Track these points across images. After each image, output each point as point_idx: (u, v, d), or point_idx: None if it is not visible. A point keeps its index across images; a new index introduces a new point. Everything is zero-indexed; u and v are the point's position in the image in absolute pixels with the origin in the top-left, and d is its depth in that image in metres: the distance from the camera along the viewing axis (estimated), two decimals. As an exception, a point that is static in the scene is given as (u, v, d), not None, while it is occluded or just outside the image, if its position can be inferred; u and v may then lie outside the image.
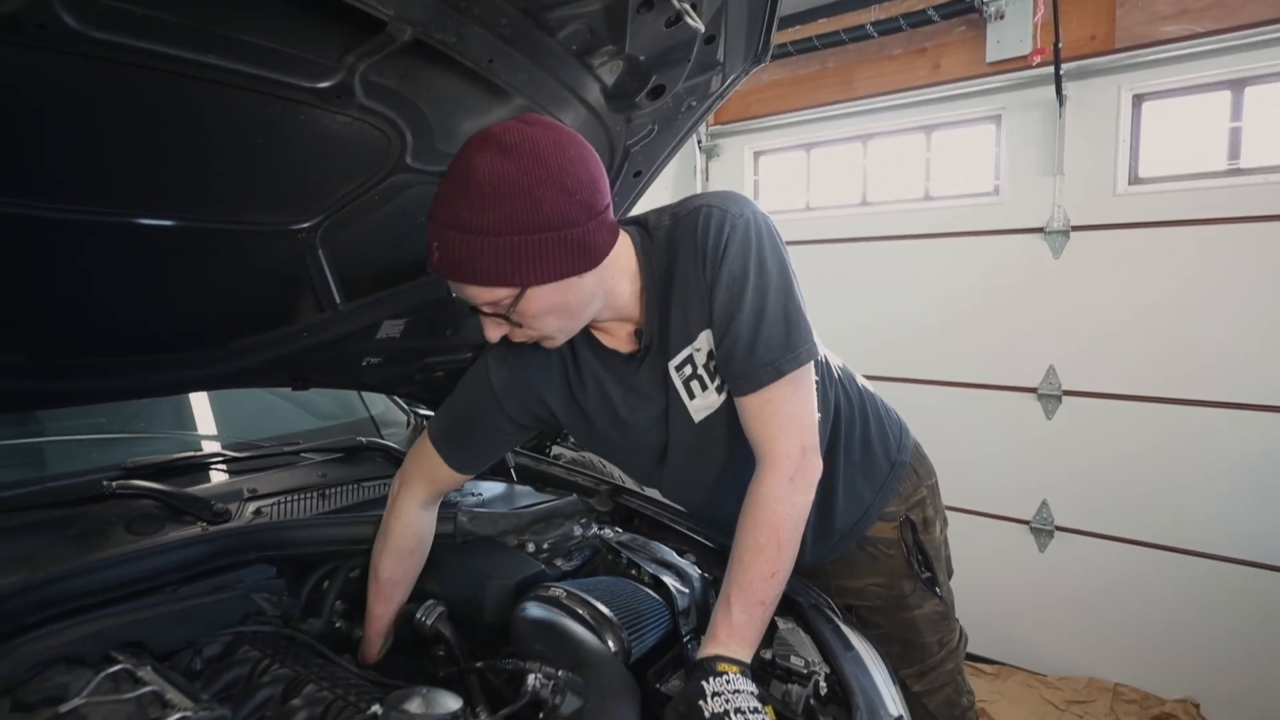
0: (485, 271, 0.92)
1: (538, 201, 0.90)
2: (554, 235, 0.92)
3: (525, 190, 0.89)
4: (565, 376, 1.19)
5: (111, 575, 1.13)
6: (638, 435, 1.19)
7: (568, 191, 0.91)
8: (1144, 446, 2.71)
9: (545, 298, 0.97)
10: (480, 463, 1.29)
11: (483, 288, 0.95)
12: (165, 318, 1.14)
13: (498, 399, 1.21)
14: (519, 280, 0.93)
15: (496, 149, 0.90)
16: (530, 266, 0.92)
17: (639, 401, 1.16)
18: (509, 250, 0.90)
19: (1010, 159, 2.94)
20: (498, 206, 0.89)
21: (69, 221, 0.92)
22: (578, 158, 0.93)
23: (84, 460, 1.54)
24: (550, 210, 0.90)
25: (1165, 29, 2.58)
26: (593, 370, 1.17)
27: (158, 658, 1.08)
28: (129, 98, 0.84)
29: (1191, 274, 2.59)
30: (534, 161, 0.89)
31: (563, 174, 0.91)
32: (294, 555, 1.36)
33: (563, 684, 0.93)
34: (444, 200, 0.92)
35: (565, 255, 0.94)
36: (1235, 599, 2.59)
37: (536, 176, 0.89)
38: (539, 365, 1.19)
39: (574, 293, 0.99)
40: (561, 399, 1.21)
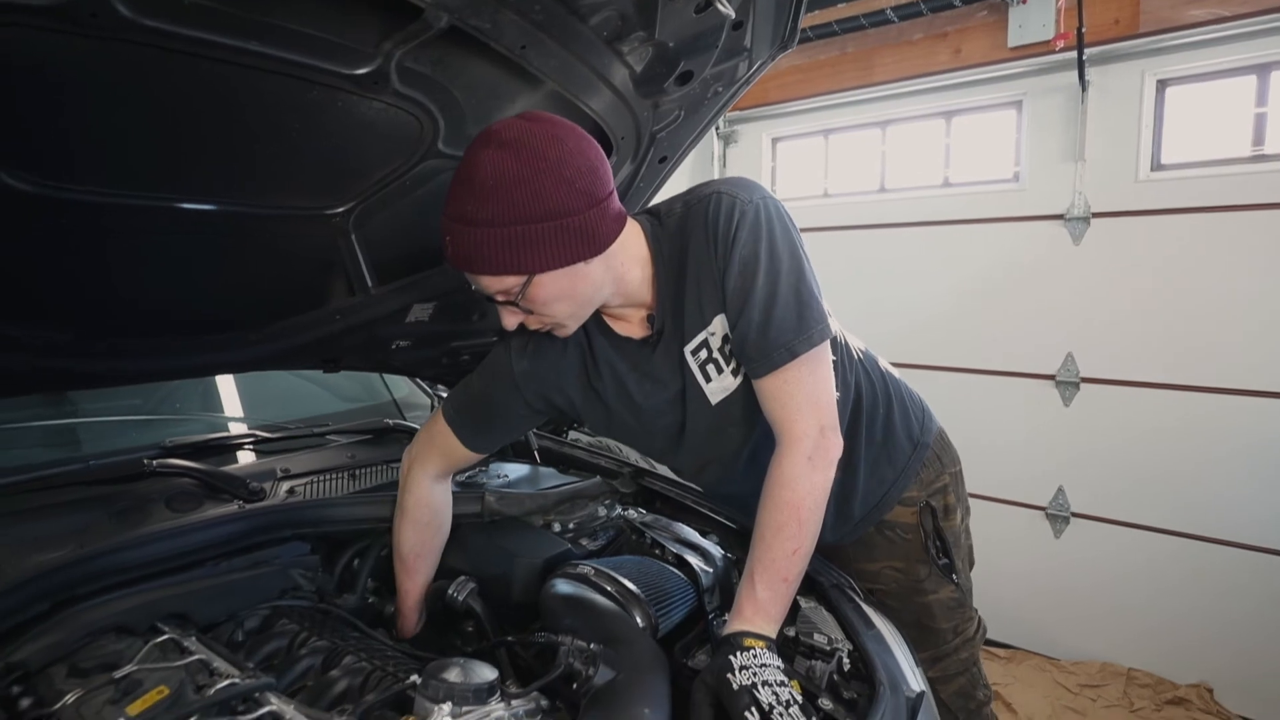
0: (493, 261, 0.96)
1: (538, 192, 0.93)
2: (556, 224, 0.95)
3: (525, 182, 0.93)
4: (583, 365, 1.22)
5: (156, 550, 1.17)
6: (653, 419, 1.21)
7: (567, 181, 0.95)
8: (1161, 434, 2.71)
9: (553, 284, 1.00)
10: (493, 443, 1.33)
11: (492, 277, 0.99)
12: (205, 300, 1.17)
13: (517, 385, 1.24)
14: (525, 268, 0.97)
15: (496, 145, 0.94)
16: (535, 254, 0.96)
17: (653, 387, 1.18)
18: (513, 240, 0.95)
19: (1031, 145, 2.92)
20: (500, 199, 0.93)
21: (116, 205, 0.95)
22: (576, 149, 0.97)
23: (118, 440, 1.59)
24: (551, 199, 0.94)
25: (1191, 13, 2.55)
26: (608, 358, 1.19)
27: (200, 629, 1.13)
28: (174, 85, 0.86)
29: (1213, 261, 2.58)
30: (532, 155, 0.93)
31: (561, 165, 0.94)
32: (327, 533, 1.39)
33: (595, 656, 0.96)
34: (452, 197, 0.97)
35: (568, 242, 0.97)
36: (1250, 585, 2.59)
37: (535, 168, 0.93)
38: (557, 354, 1.22)
39: (582, 279, 1.02)
40: (579, 387, 1.23)
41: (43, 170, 0.85)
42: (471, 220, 0.94)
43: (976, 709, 1.40)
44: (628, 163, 1.41)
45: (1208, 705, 2.61)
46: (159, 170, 0.95)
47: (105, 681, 0.90)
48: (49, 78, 0.78)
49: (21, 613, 1.01)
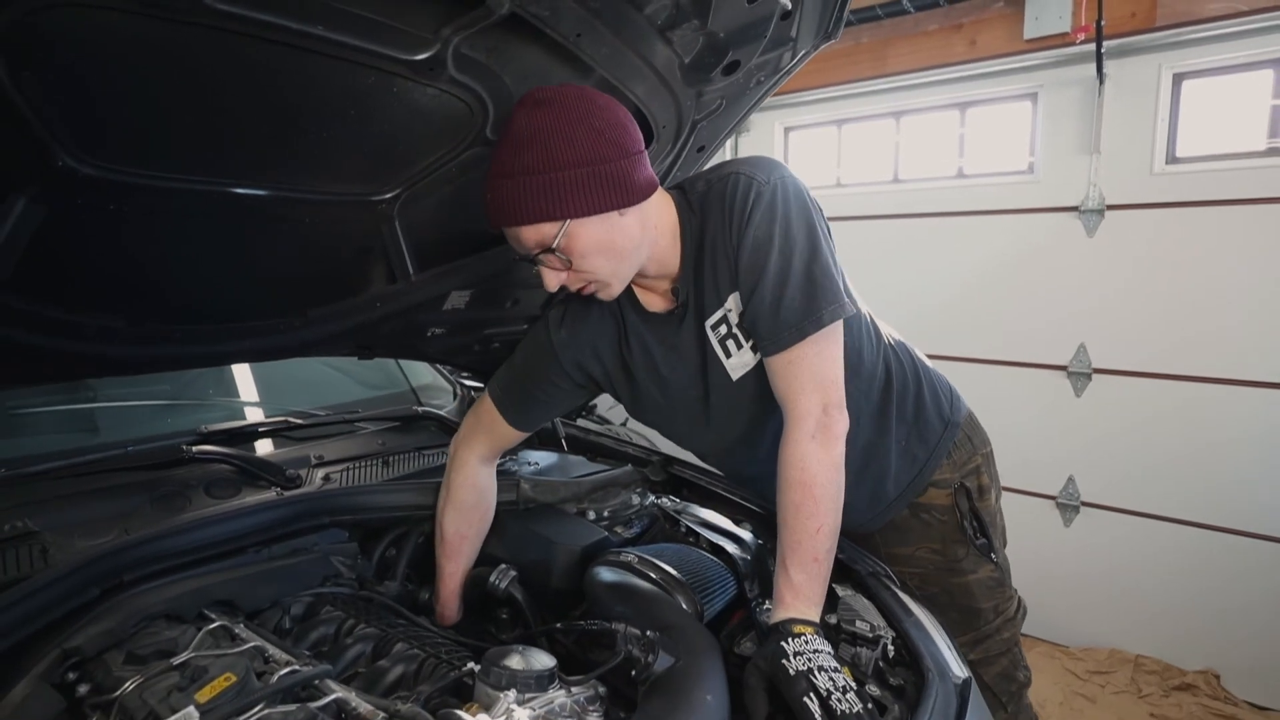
0: (528, 209, 1.00)
1: (570, 140, 0.98)
2: (589, 170, 0.99)
3: (557, 131, 0.98)
4: (616, 336, 1.25)
5: (201, 536, 1.17)
6: (678, 393, 1.24)
7: (597, 130, 0.99)
8: (1171, 424, 2.74)
9: (589, 234, 1.03)
10: (536, 419, 1.36)
11: (529, 227, 1.02)
12: (251, 285, 1.17)
13: (556, 355, 1.28)
14: (560, 213, 1.00)
15: (530, 104, 1.00)
16: (569, 199, 0.99)
17: (678, 360, 1.21)
18: (547, 186, 0.98)
19: (1046, 137, 2.93)
20: (533, 148, 0.98)
21: (174, 190, 0.94)
22: (605, 105, 1.02)
23: (142, 427, 1.58)
24: (583, 147, 0.99)
25: (1208, 7, 2.55)
26: (638, 331, 1.23)
27: (246, 616, 1.13)
28: (239, 69, 0.85)
29: (1226, 254, 2.60)
30: (563, 108, 0.99)
31: (590, 116, 1.00)
32: (364, 520, 1.40)
33: (653, 643, 0.97)
34: (494, 159, 1.03)
35: (600, 188, 1.00)
36: (1257, 573, 2.63)
37: (567, 119, 0.98)
38: (595, 323, 1.26)
39: (619, 233, 1.05)
40: (613, 357, 1.27)
41: (107, 154, 0.84)
42: (509, 173, 0.99)
43: (1018, 691, 1.41)
44: (668, 150, 1.41)
45: (1215, 691, 2.66)
46: (218, 155, 0.94)
47: (165, 668, 0.91)
48: (117, 61, 0.78)
49: (73, 599, 1.01)
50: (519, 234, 1.04)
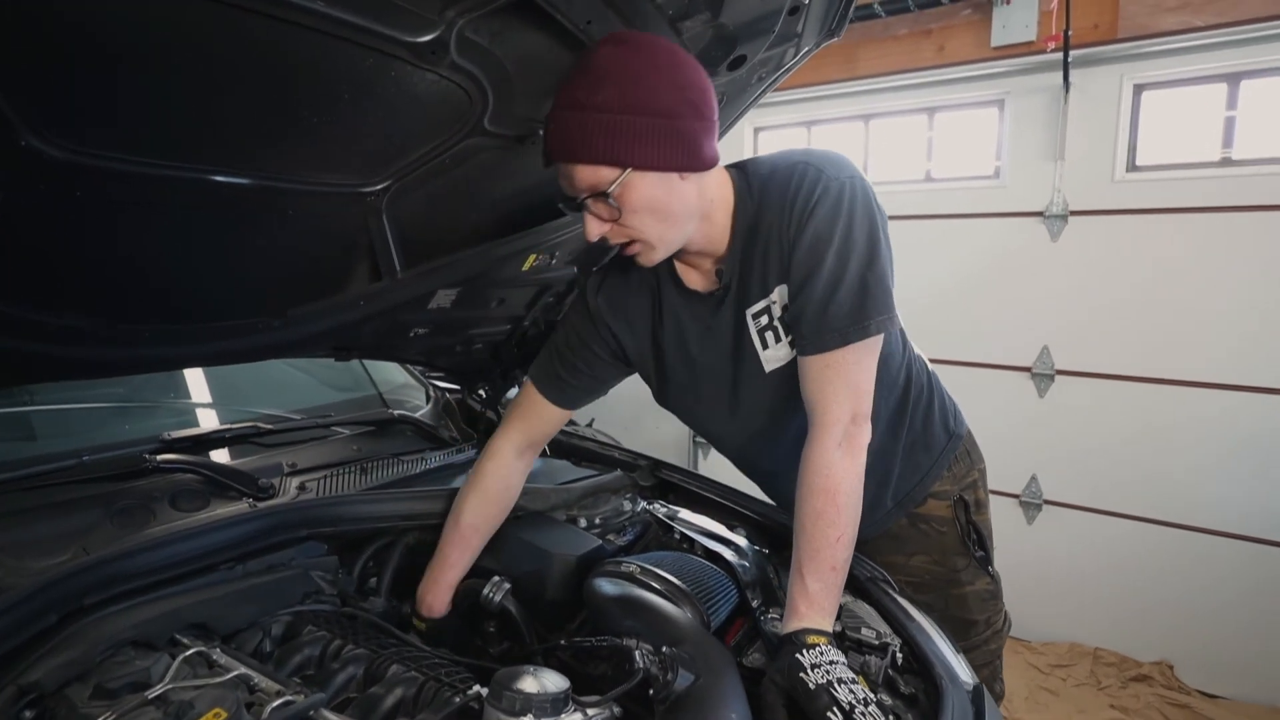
0: (593, 147, 0.95)
1: (651, 88, 0.94)
2: (662, 122, 0.95)
3: (639, 75, 0.93)
4: (651, 309, 1.22)
5: (168, 553, 1.08)
6: (706, 376, 1.21)
7: (679, 87, 0.95)
8: (1131, 424, 2.83)
9: (647, 189, 0.99)
10: (577, 396, 1.31)
11: (588, 166, 0.97)
12: (230, 283, 1.08)
13: (594, 321, 1.26)
14: (623, 159, 0.96)
15: (617, 41, 0.95)
16: (635, 147, 0.95)
17: (712, 342, 1.18)
18: (617, 127, 0.94)
19: (1012, 143, 2.99)
20: (611, 86, 0.93)
21: (147, 176, 0.85)
22: (693, 65, 0.98)
23: (94, 433, 1.46)
24: (661, 97, 0.94)
25: (1166, 21, 2.65)
26: (673, 306, 1.20)
27: (222, 639, 1.05)
28: (226, 47, 0.78)
29: (1183, 260, 2.70)
30: (651, 52, 0.95)
31: (674, 70, 0.95)
32: (344, 532, 1.31)
33: (670, 660, 0.93)
34: (566, 87, 0.96)
35: (669, 145, 0.96)
36: (1209, 567, 2.75)
37: (651, 65, 0.94)
38: (632, 293, 1.24)
39: (675, 196, 1.01)
40: (644, 332, 1.24)
41: (76, 135, 0.75)
42: (579, 105, 0.94)
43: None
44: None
45: (1169, 681, 2.76)
46: (198, 139, 0.86)
47: (140, 703, 0.82)
48: (90, 33, 0.69)
49: (28, 627, 0.91)
50: (574, 172, 0.99)
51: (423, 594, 1.26)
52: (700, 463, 4.08)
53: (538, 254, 1.47)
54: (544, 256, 1.48)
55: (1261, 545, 2.65)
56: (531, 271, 1.51)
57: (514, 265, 1.46)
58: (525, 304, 1.63)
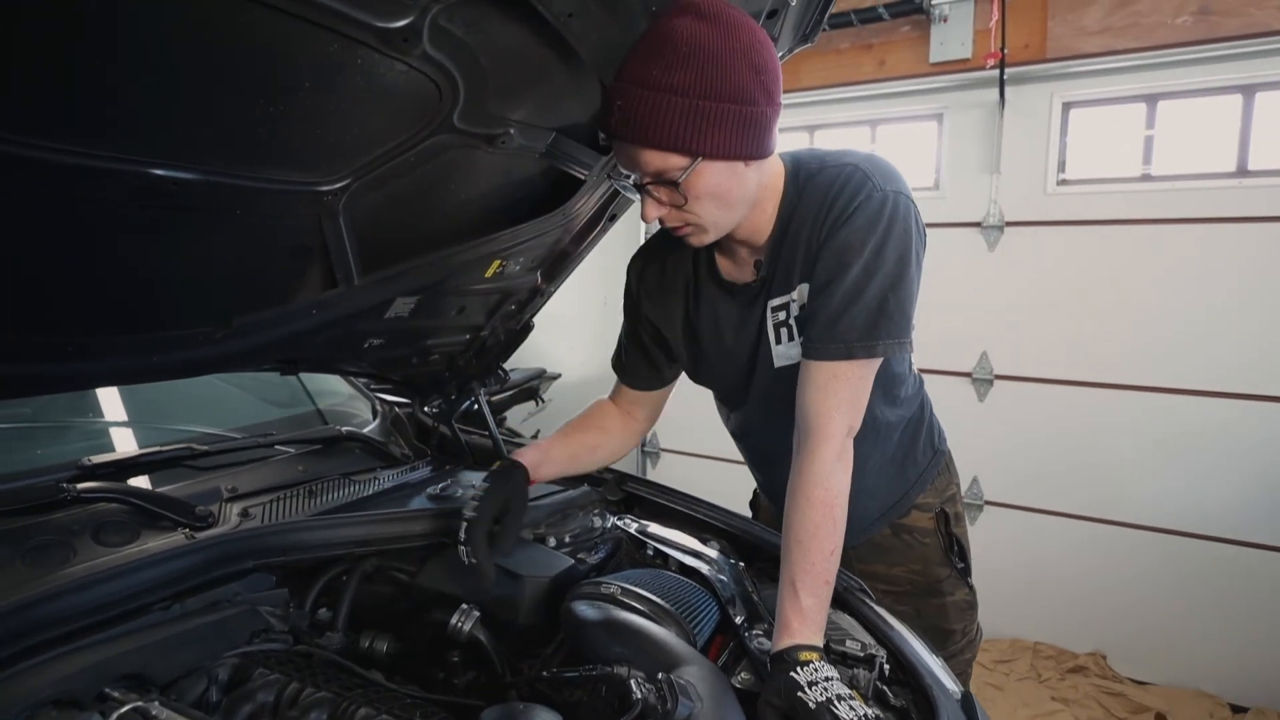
0: (669, 133, 0.90)
1: (729, 71, 0.89)
2: (738, 109, 0.91)
3: (718, 57, 0.88)
4: (685, 295, 1.22)
5: (94, 595, 0.96)
6: (734, 362, 1.21)
7: (755, 69, 0.91)
8: (1063, 426, 2.96)
9: (714, 176, 0.95)
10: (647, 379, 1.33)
11: (658, 152, 0.92)
12: (165, 289, 0.97)
13: (638, 305, 1.27)
14: (696, 147, 0.91)
15: (696, 14, 0.89)
16: (710, 135, 0.91)
17: (744, 333, 1.18)
18: (694, 114, 0.89)
19: (951, 156, 3.10)
20: (690, 68, 0.88)
21: (74, 167, 0.75)
22: (768, 45, 0.94)
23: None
24: (738, 82, 0.90)
25: (1090, 43, 2.80)
26: (709, 296, 1.19)
27: (160, 690, 0.93)
28: (175, 21, 0.69)
29: (1109, 269, 2.84)
30: (730, 31, 0.89)
31: (752, 51, 0.91)
32: (294, 561, 1.20)
33: (668, 688, 0.87)
34: (637, 59, 0.91)
35: (743, 132, 0.93)
36: (1138, 560, 2.89)
37: (730, 46, 0.89)
38: (668, 279, 1.23)
39: (738, 183, 0.98)
40: (679, 319, 1.24)
41: (-7, 117, 0.65)
42: (655, 85, 0.88)
43: None
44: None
45: (1103, 671, 2.89)
46: (137, 126, 0.76)
47: (68, 774, 0.71)
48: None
49: (-73, 689, 0.78)
50: (640, 155, 0.94)
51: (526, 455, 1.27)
52: (649, 472, 4.05)
53: (501, 260, 1.40)
54: (508, 263, 1.41)
55: (1185, 539, 2.81)
56: (494, 278, 1.43)
57: (477, 272, 1.38)
58: (486, 312, 1.55)
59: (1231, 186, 2.66)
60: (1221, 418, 2.71)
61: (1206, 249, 2.69)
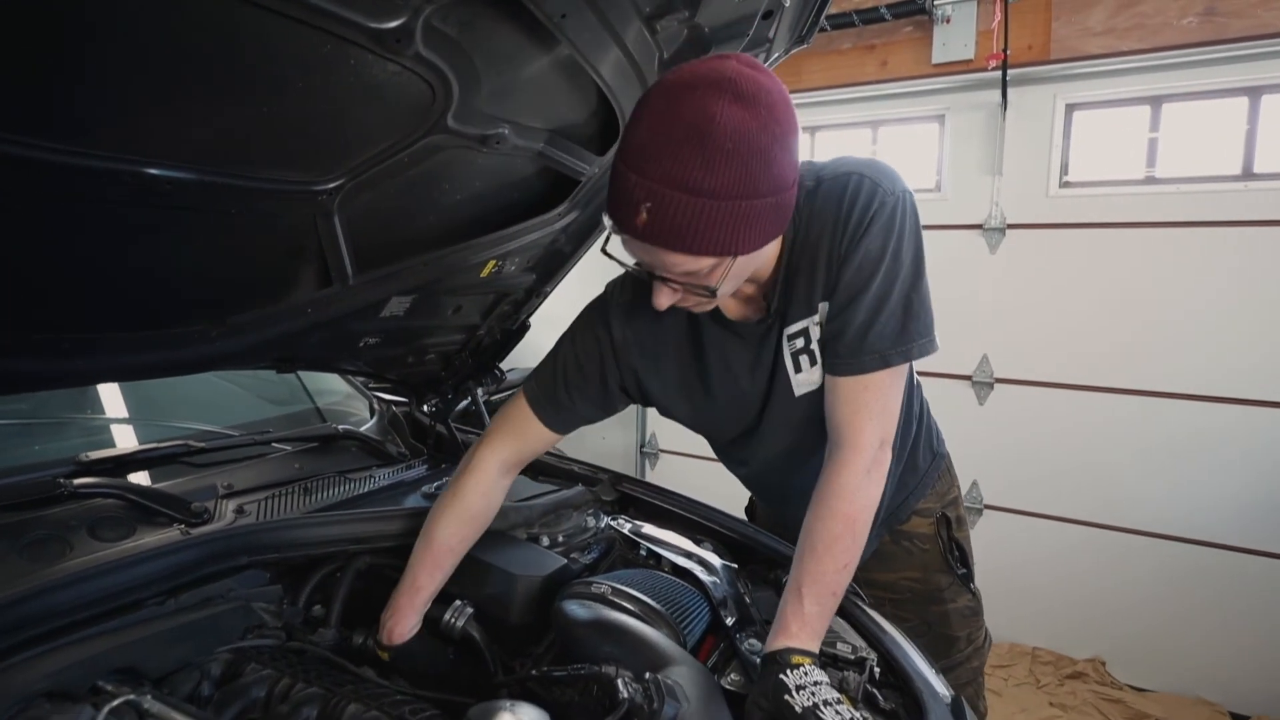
0: (706, 240, 0.82)
1: (770, 162, 0.81)
2: (774, 200, 0.84)
3: (763, 150, 0.80)
4: (682, 342, 1.14)
5: (88, 590, 0.97)
6: (747, 404, 1.15)
7: (790, 151, 0.85)
8: (1066, 430, 2.95)
9: (741, 265, 0.89)
10: (573, 422, 1.21)
11: (691, 257, 0.84)
12: (160, 288, 0.97)
13: (616, 355, 1.16)
14: (734, 249, 0.84)
15: (734, 98, 0.79)
16: (749, 234, 0.84)
17: (760, 370, 1.11)
18: (734, 216, 0.81)
19: (952, 158, 3.09)
20: (735, 167, 0.79)
21: (71, 166, 0.75)
22: (794, 110, 0.86)
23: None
24: (778, 173, 0.83)
25: (1093, 44, 2.78)
26: (718, 343, 1.11)
27: (154, 684, 0.94)
28: (171, 20, 0.70)
29: (1112, 273, 2.83)
30: (770, 116, 0.80)
31: (790, 131, 0.84)
32: (288, 558, 1.21)
33: (655, 688, 0.88)
34: (667, 154, 0.79)
35: (776, 220, 0.87)
36: (1138, 566, 2.88)
37: (773, 134, 0.81)
38: (666, 330, 1.14)
39: (760, 257, 0.93)
40: (675, 364, 1.15)
41: (-15, 116, 0.65)
42: (696, 188, 0.78)
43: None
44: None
45: (1102, 677, 2.87)
46: (133, 126, 0.76)
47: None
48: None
49: (-79, 682, 0.79)
50: (668, 258, 0.85)
51: (387, 620, 1.14)
52: (648, 473, 4.05)
53: (496, 260, 1.41)
54: (504, 263, 1.41)
55: (1185, 544, 2.80)
56: (490, 278, 1.44)
57: (472, 271, 1.39)
58: (481, 312, 1.56)
59: (1237, 190, 2.65)
60: (1223, 423, 2.70)
61: (1210, 253, 2.67)
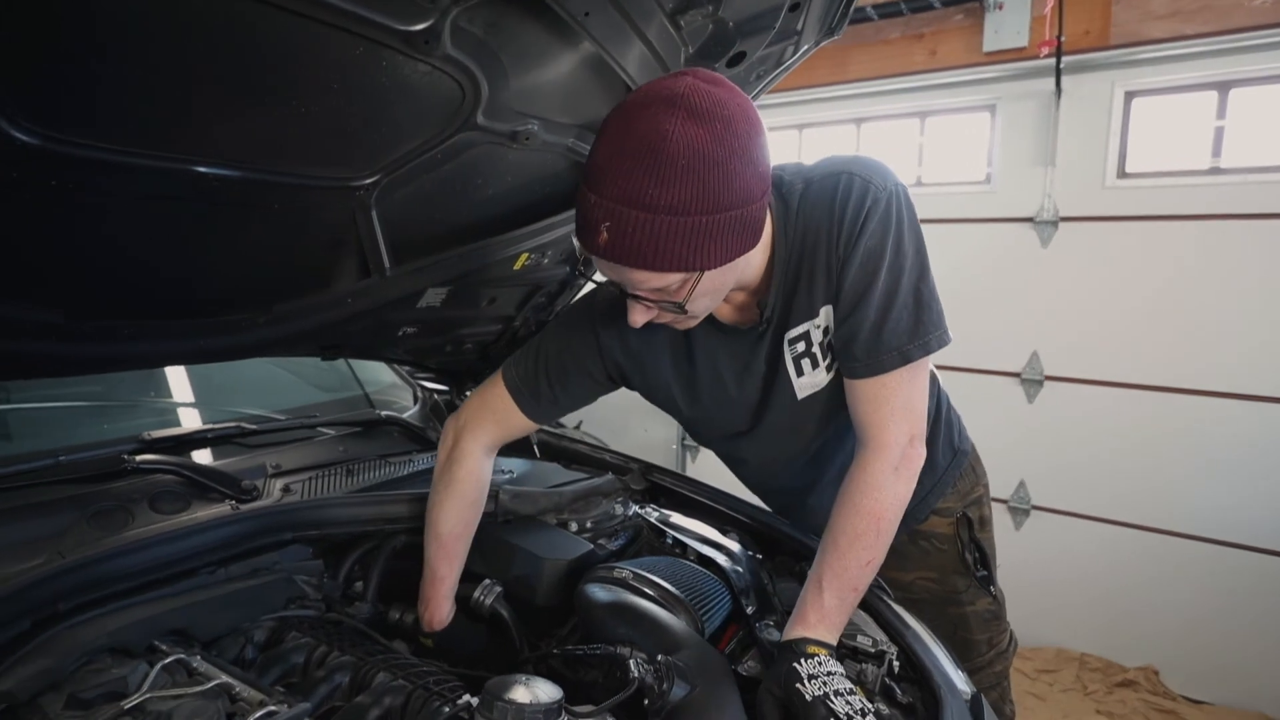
0: (667, 257, 0.83)
1: (729, 176, 0.81)
2: (738, 214, 0.84)
3: (719, 164, 0.80)
4: (674, 346, 1.14)
5: (148, 557, 1.05)
6: (737, 409, 1.15)
7: (754, 163, 0.83)
8: (1119, 430, 2.84)
9: (712, 280, 0.89)
10: (554, 414, 1.24)
11: (655, 273, 0.85)
12: (211, 278, 1.04)
13: (600, 353, 1.16)
14: (700, 264, 0.84)
15: (686, 114, 0.79)
16: (714, 249, 0.84)
17: (749, 378, 1.11)
18: (695, 231, 0.81)
19: (1003, 148, 3.00)
20: (690, 183, 0.79)
21: (127, 165, 0.82)
22: (758, 122, 0.85)
23: (71, 433, 1.42)
24: (739, 186, 0.82)
25: (1157, 29, 2.66)
26: (707, 347, 1.11)
27: (202, 646, 1.01)
28: (214, 28, 0.75)
29: (1171, 268, 2.71)
30: (726, 130, 0.80)
31: (750, 143, 0.83)
32: (329, 535, 1.28)
33: (666, 669, 0.90)
34: (622, 173, 0.80)
35: (742, 234, 0.86)
36: (1194, 573, 2.76)
37: (730, 148, 0.81)
38: (649, 332, 1.11)
39: (732, 272, 0.92)
40: (666, 367, 1.15)
41: (53, 121, 0.72)
42: (650, 205, 0.79)
43: None
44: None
45: (1155, 687, 2.77)
46: (185, 127, 0.82)
47: (115, 714, 0.79)
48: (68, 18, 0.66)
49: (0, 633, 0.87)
50: (633, 275, 0.86)
51: (423, 612, 1.21)
52: (689, 465, 4.07)
53: (530, 253, 1.45)
54: (536, 256, 1.45)
55: (1247, 552, 2.67)
56: (523, 271, 1.48)
57: (505, 264, 1.43)
58: (516, 304, 1.60)
59: (1310, 180, 2.50)
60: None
61: (1278, 246, 2.53)
